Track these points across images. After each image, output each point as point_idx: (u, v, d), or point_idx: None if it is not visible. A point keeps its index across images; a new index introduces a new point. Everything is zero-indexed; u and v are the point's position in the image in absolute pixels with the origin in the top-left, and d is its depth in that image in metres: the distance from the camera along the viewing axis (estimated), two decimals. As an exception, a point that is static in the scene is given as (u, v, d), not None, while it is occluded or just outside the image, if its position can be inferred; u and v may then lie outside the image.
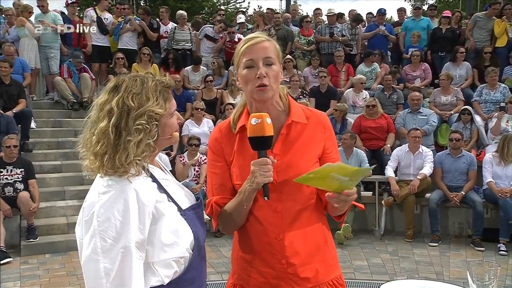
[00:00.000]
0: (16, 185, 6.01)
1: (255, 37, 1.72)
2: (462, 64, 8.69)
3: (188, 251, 1.52)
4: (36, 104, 8.72)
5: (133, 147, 1.44)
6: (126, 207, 1.41)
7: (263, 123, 1.58)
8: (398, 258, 5.77)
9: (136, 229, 1.42)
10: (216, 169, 1.81)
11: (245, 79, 1.69)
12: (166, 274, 1.48)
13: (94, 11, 9.45)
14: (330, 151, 1.79)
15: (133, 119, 1.46)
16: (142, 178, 1.49)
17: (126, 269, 1.39)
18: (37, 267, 5.43)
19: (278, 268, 1.72)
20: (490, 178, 6.30)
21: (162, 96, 1.52)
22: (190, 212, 1.58)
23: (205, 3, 26.04)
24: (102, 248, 1.39)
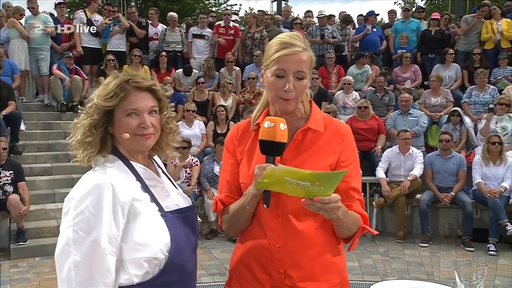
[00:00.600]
0: (5, 188, 5.96)
1: (292, 44, 1.60)
2: (451, 65, 8.77)
3: (162, 252, 1.49)
4: (26, 106, 8.66)
5: (75, 129, 1.56)
6: (99, 201, 1.42)
7: (275, 128, 1.53)
8: (389, 259, 5.80)
9: (108, 223, 1.42)
10: (227, 166, 1.79)
11: (271, 86, 1.63)
12: (136, 274, 1.47)
13: (84, 13, 9.40)
14: (346, 164, 1.68)
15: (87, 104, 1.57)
16: (118, 173, 1.52)
17: (95, 263, 1.39)
18: (26, 270, 5.39)
19: (275, 277, 1.66)
20: (479, 179, 6.35)
21: (116, 91, 1.52)
22: (175, 215, 1.57)
23: (197, 5, 25.98)
24: (74, 240, 1.40)
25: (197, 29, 9.94)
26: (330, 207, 1.45)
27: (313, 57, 1.66)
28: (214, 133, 7.76)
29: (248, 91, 8.61)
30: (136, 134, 1.54)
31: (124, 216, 1.46)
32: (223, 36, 9.67)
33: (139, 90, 1.56)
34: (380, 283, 1.63)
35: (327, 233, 1.67)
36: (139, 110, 1.54)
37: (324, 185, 1.41)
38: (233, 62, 9.22)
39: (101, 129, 1.54)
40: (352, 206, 1.66)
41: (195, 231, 1.66)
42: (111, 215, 1.43)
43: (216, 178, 6.89)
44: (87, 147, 1.54)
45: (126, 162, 1.58)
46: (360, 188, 1.74)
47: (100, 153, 1.56)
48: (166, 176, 1.75)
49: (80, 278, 1.40)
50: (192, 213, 1.67)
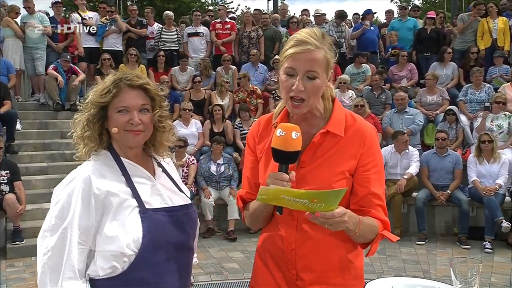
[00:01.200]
0: (1, 187, 5.93)
1: (305, 42, 1.53)
2: (449, 64, 8.80)
3: (130, 248, 1.50)
4: (21, 106, 8.64)
5: (74, 124, 1.64)
6: (73, 191, 1.52)
7: (287, 137, 1.46)
8: (386, 257, 5.82)
9: (79, 213, 1.50)
10: (248, 163, 1.79)
11: (282, 85, 1.58)
12: (102, 266, 1.51)
13: (78, 14, 9.37)
14: (367, 169, 1.61)
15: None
16: (103, 167, 1.58)
17: (64, 250, 1.49)
18: (23, 270, 5.37)
19: (288, 277, 1.67)
20: (475, 177, 6.38)
21: (109, 88, 1.58)
22: (158, 213, 1.58)
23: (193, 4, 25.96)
24: (51, 227, 1.52)
25: (191, 27, 9.93)
26: (334, 222, 1.42)
27: (330, 57, 1.57)
28: (210, 132, 7.75)
29: (242, 90, 8.61)
30: (125, 129, 1.59)
31: (97, 208, 1.51)
32: (220, 31, 9.65)
33: (132, 88, 1.60)
34: (375, 280, 1.63)
35: (342, 238, 1.62)
36: (129, 107, 1.59)
37: (324, 202, 1.38)
38: (230, 61, 9.21)
39: (98, 124, 1.61)
40: (371, 212, 1.61)
41: (184, 231, 1.65)
42: (83, 206, 1.50)
43: (212, 177, 6.89)
44: (88, 142, 1.60)
45: (116, 158, 1.62)
46: (383, 193, 1.67)
47: (99, 148, 1.62)
48: (167, 175, 1.76)
49: (52, 263, 1.50)
50: (182, 213, 1.66)
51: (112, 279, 1.52)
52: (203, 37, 9.76)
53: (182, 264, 1.66)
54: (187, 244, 1.68)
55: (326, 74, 1.57)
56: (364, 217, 1.58)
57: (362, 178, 1.61)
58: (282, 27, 10.34)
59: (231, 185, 6.93)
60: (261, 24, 9.97)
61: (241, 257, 5.83)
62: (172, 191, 1.71)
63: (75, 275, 1.49)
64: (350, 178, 1.61)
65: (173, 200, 1.68)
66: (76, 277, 1.50)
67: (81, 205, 1.50)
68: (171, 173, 1.79)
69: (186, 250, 1.68)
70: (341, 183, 1.59)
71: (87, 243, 1.52)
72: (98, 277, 1.53)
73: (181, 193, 1.74)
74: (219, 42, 9.60)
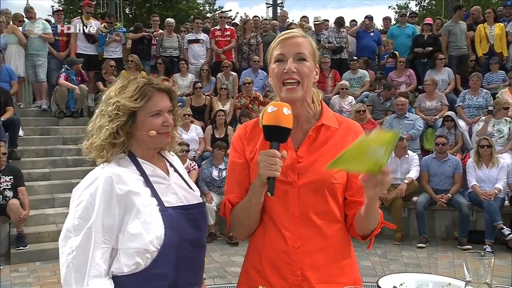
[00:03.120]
0: (5, 193, 5.96)
1: (290, 31, 1.64)
2: (444, 69, 8.90)
3: (153, 245, 1.55)
4: (23, 112, 8.67)
5: (97, 131, 1.61)
6: (96, 191, 1.54)
7: (279, 111, 1.47)
8: (387, 260, 5.86)
9: (103, 213, 1.53)
10: (235, 166, 1.74)
11: (273, 73, 1.62)
12: (126, 263, 1.55)
13: (81, 20, 9.44)
14: None
15: (106, 106, 1.62)
16: (121, 168, 1.61)
17: (88, 249, 1.52)
18: (27, 274, 5.39)
19: (291, 280, 1.61)
20: (474, 181, 6.45)
21: (141, 93, 1.60)
22: (176, 210, 1.63)
23: (191, 11, 26.11)
24: (74, 227, 1.54)
25: (192, 34, 10.02)
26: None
27: (315, 47, 1.66)
28: (212, 137, 7.81)
29: (245, 96, 8.68)
30: (160, 132, 1.64)
31: (120, 207, 1.55)
32: (220, 38, 9.74)
33: (160, 91, 1.66)
34: (387, 276, 1.67)
35: (343, 235, 1.67)
36: (162, 110, 1.65)
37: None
38: (230, 67, 9.29)
39: (125, 130, 1.61)
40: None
41: (199, 228, 1.70)
42: (107, 205, 1.53)
43: (214, 182, 6.94)
44: (116, 148, 1.62)
45: (133, 159, 1.66)
46: None
47: (120, 152, 1.65)
48: (178, 174, 1.80)
49: (77, 262, 1.52)
50: (197, 211, 1.71)
51: (134, 275, 1.56)
52: (203, 44, 9.84)
53: (197, 260, 1.71)
54: (201, 241, 1.73)
55: (314, 62, 1.64)
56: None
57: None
58: (282, 33, 10.41)
59: (233, 190, 6.96)
60: (261, 30, 10.06)
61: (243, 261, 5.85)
62: (186, 190, 1.76)
63: (100, 273, 1.53)
64: (344, 168, 1.62)
65: (188, 198, 1.73)
66: (101, 275, 1.53)
67: (104, 205, 1.54)
68: (181, 171, 1.84)
69: (201, 246, 1.72)
70: (340, 174, 1.63)
71: (110, 242, 1.55)
72: (121, 274, 1.57)
73: (193, 192, 1.79)
74: (220, 50, 9.68)
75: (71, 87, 8.44)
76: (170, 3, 24.73)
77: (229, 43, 9.79)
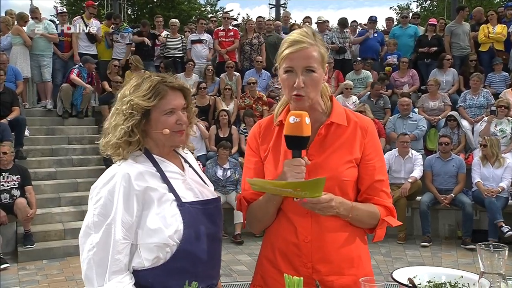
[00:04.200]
0: (12, 192, 6.01)
1: (299, 41, 1.62)
2: (449, 70, 8.93)
3: (173, 239, 1.58)
4: (28, 112, 8.70)
5: (113, 129, 1.63)
6: (114, 188, 1.57)
7: (301, 122, 1.53)
8: (392, 259, 5.91)
9: (122, 209, 1.56)
10: (250, 164, 1.81)
11: (283, 83, 1.66)
12: (147, 258, 1.58)
13: (82, 20, 9.49)
14: (370, 158, 1.71)
15: (121, 105, 1.63)
16: (138, 165, 1.63)
17: (108, 245, 1.54)
18: (35, 272, 5.44)
19: (303, 272, 1.65)
20: (478, 178, 6.50)
21: (154, 91, 1.61)
22: (193, 206, 1.66)
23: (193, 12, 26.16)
24: (94, 223, 1.57)
25: (195, 35, 10.07)
26: (322, 207, 1.54)
27: (324, 52, 1.67)
28: (216, 137, 7.85)
29: (248, 96, 8.72)
30: (174, 130, 1.65)
31: (139, 203, 1.58)
32: (223, 39, 9.78)
33: (173, 89, 1.67)
34: (400, 269, 1.71)
35: (354, 228, 1.70)
36: (176, 108, 1.65)
37: (307, 190, 1.46)
38: (233, 67, 9.34)
39: (140, 128, 1.63)
40: (374, 199, 1.71)
41: (215, 223, 1.72)
42: (125, 202, 1.56)
43: (219, 181, 6.98)
44: (131, 146, 1.64)
45: (149, 156, 1.69)
46: (386, 178, 1.76)
47: (136, 149, 1.68)
48: (194, 170, 1.83)
49: (98, 258, 1.55)
50: (213, 206, 1.74)
51: (155, 269, 1.60)
52: (206, 44, 9.88)
53: (214, 254, 1.74)
54: (218, 236, 1.76)
55: (322, 68, 1.66)
56: (359, 204, 1.68)
57: (368, 167, 1.70)
58: (285, 34, 10.46)
59: (238, 189, 7.02)
60: (264, 30, 10.10)
61: (248, 260, 5.90)
62: (201, 185, 1.79)
63: (121, 268, 1.56)
64: (355, 166, 1.69)
65: (203, 193, 1.75)
66: (122, 271, 1.56)
67: (123, 202, 1.56)
68: (195, 167, 1.87)
69: (217, 241, 1.75)
70: (351, 171, 1.68)
71: (129, 238, 1.58)
72: (142, 268, 1.60)
73: (208, 187, 1.82)
74: (223, 51, 9.72)
75: (81, 84, 8.45)
76: (172, 4, 24.80)
77: (233, 43, 9.84)
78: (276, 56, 1.71)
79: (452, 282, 1.62)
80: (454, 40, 9.38)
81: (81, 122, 8.79)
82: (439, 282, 1.63)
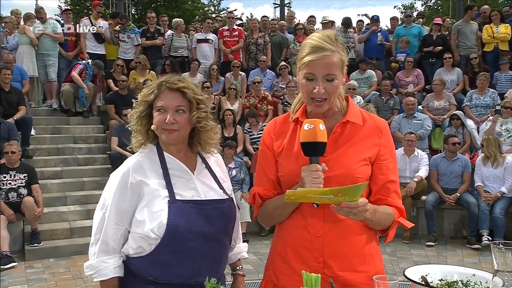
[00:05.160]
0: (19, 190, 6.05)
1: (321, 48, 1.63)
2: (453, 70, 8.93)
3: (154, 232, 1.67)
4: (34, 111, 8.75)
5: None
6: (116, 178, 1.75)
7: (315, 129, 1.57)
8: (397, 258, 5.91)
9: (117, 197, 1.72)
10: (264, 160, 1.83)
11: (303, 88, 1.69)
12: (132, 246, 1.73)
13: (89, 20, 9.52)
14: (385, 158, 1.73)
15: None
16: (145, 159, 1.77)
17: (100, 227, 1.74)
18: (42, 271, 5.48)
19: (313, 267, 1.67)
20: (480, 182, 6.51)
21: (153, 90, 1.75)
22: (187, 204, 1.71)
23: (196, 11, 26.19)
24: (99, 206, 1.77)
25: (201, 34, 10.09)
26: (358, 211, 1.53)
27: (344, 57, 1.68)
28: (221, 136, 7.86)
29: (253, 96, 8.74)
30: (162, 128, 1.73)
31: (133, 194, 1.72)
32: (228, 39, 9.80)
33: (171, 90, 1.75)
34: (412, 267, 1.72)
35: (366, 225, 1.71)
36: (166, 107, 1.73)
37: (348, 195, 1.48)
38: (239, 67, 9.35)
39: (145, 120, 1.79)
40: (388, 200, 1.73)
41: (211, 223, 1.74)
42: (121, 191, 1.72)
43: (224, 180, 6.98)
44: (137, 135, 1.82)
45: (160, 151, 1.79)
46: (397, 179, 1.79)
47: (146, 142, 1.81)
48: (211, 172, 1.87)
49: (96, 237, 1.74)
50: (210, 207, 1.76)
51: (141, 258, 1.72)
52: (212, 43, 9.90)
53: (210, 254, 1.76)
54: (215, 236, 1.77)
55: (342, 73, 1.68)
56: (379, 206, 1.68)
57: (382, 167, 1.72)
58: (289, 33, 10.48)
59: (243, 188, 7.04)
60: (269, 30, 10.11)
61: (254, 258, 5.92)
62: (209, 186, 1.82)
63: (108, 249, 1.73)
64: (370, 165, 1.71)
65: (207, 194, 1.79)
66: (108, 252, 1.73)
67: (119, 192, 1.73)
68: (215, 169, 1.90)
69: (214, 241, 1.77)
70: (364, 169, 1.69)
71: (122, 224, 1.73)
72: (130, 256, 1.74)
73: (218, 189, 1.84)
74: (228, 50, 9.75)
75: (80, 84, 8.44)
76: (175, 3, 24.83)
77: (237, 43, 9.85)
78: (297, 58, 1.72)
79: (464, 280, 1.63)
80: (461, 39, 9.37)
81: (87, 121, 8.83)
82: (451, 281, 1.65)
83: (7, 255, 5.53)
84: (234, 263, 2.00)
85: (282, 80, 9.23)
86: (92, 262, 1.73)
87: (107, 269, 1.72)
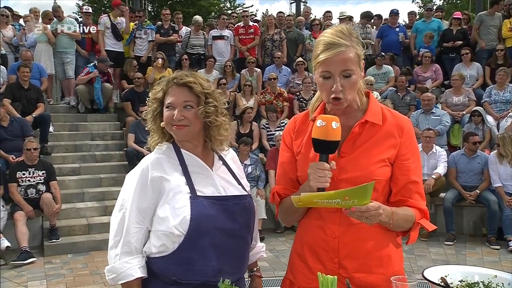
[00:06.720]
0: (38, 187, 6.13)
1: (335, 44, 1.56)
2: (473, 65, 8.76)
3: (178, 229, 1.63)
4: (53, 109, 8.84)
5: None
6: (135, 177, 1.72)
7: (327, 127, 1.51)
8: (415, 256, 5.84)
9: (137, 196, 1.69)
10: (284, 158, 1.81)
11: (320, 87, 1.64)
12: (155, 244, 1.69)
13: (108, 18, 9.57)
14: (406, 158, 1.66)
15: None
16: (162, 156, 1.75)
17: (123, 228, 1.69)
18: (60, 266, 5.54)
19: (329, 267, 1.66)
20: (499, 182, 6.36)
21: (163, 87, 1.75)
22: (209, 200, 1.69)
23: (212, 8, 26.20)
24: (118, 207, 1.74)
25: (216, 30, 10.08)
26: (370, 215, 1.48)
27: (360, 51, 1.61)
28: (237, 133, 7.86)
29: (269, 92, 8.70)
30: (171, 124, 1.72)
31: (154, 191, 1.69)
32: (244, 36, 9.77)
33: (178, 86, 1.73)
34: (432, 267, 1.68)
35: (384, 227, 1.65)
36: (174, 103, 1.72)
37: (355, 198, 1.44)
38: (254, 63, 9.32)
39: (159, 119, 1.77)
40: (409, 201, 1.66)
41: (234, 220, 1.73)
42: (141, 190, 1.69)
43: (240, 177, 6.98)
44: (153, 135, 1.80)
45: (176, 149, 1.78)
46: (421, 180, 1.72)
47: (163, 141, 1.81)
48: (227, 167, 1.85)
49: (115, 238, 1.70)
50: (232, 203, 1.74)
51: (164, 257, 1.68)
52: (227, 40, 9.88)
53: (233, 251, 1.74)
54: (238, 233, 1.75)
55: (359, 67, 1.62)
56: (398, 208, 1.63)
57: (403, 167, 1.66)
58: (306, 29, 10.39)
59: (258, 185, 7.03)
60: (285, 26, 10.05)
61: (270, 256, 5.90)
62: (228, 182, 1.81)
63: (131, 250, 1.69)
64: (390, 166, 1.65)
65: (227, 190, 1.77)
66: (131, 252, 1.69)
67: (139, 190, 1.69)
68: (232, 166, 1.88)
69: (237, 238, 1.75)
70: (382, 170, 1.63)
71: (143, 223, 1.70)
72: (153, 255, 1.70)
73: (237, 185, 1.82)
74: (244, 48, 9.72)
75: (84, 81, 8.51)
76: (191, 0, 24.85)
77: (253, 40, 9.81)
78: (312, 57, 1.68)
79: (486, 281, 1.59)
80: (482, 31, 9.17)
81: (104, 118, 8.89)
82: (471, 282, 1.60)
83: (26, 250, 5.60)
84: (252, 263, 1.96)
85: (298, 76, 9.18)
86: (114, 264, 1.68)
87: (131, 269, 1.67)
